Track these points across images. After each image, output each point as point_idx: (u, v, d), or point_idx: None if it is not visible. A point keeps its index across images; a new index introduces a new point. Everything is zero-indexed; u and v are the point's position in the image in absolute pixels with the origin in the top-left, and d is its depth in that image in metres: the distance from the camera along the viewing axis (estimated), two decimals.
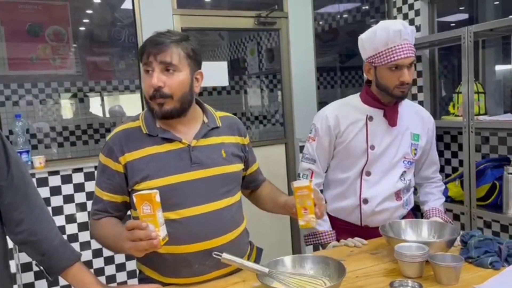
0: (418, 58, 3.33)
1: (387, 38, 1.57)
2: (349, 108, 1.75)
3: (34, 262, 1.21)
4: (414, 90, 3.38)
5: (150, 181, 1.27)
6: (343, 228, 1.75)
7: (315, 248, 1.70)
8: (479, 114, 2.69)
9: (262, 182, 1.63)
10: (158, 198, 1.08)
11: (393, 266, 1.35)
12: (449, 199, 2.84)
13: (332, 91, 5.21)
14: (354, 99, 1.78)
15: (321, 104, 4.60)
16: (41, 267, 1.19)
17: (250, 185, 1.59)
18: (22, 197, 1.17)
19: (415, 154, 1.74)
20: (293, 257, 1.27)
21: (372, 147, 1.69)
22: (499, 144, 2.86)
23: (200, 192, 1.31)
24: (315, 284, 1.18)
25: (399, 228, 1.50)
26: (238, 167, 1.43)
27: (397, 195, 1.73)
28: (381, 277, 1.28)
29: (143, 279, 1.42)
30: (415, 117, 1.77)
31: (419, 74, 3.33)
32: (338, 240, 1.66)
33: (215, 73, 3.07)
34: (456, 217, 3.10)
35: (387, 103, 1.69)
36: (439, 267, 1.19)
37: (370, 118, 1.71)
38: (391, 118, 1.70)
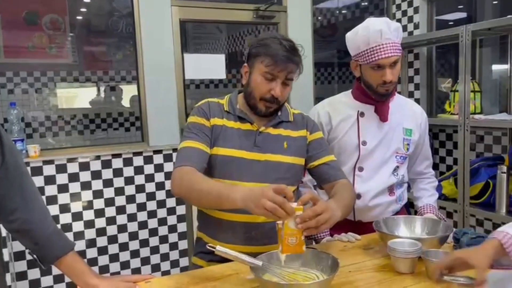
0: (416, 56, 3.34)
1: (368, 38, 1.59)
2: (340, 105, 1.77)
3: (27, 251, 1.21)
4: (411, 87, 3.39)
5: (217, 147, 1.46)
6: (337, 223, 1.75)
7: (308, 243, 1.70)
8: (474, 113, 2.70)
9: (337, 179, 1.54)
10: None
11: (385, 262, 1.36)
12: (442, 197, 2.86)
13: (329, 86, 5.21)
14: (346, 96, 1.80)
15: (318, 99, 4.60)
16: (35, 256, 1.18)
17: (319, 178, 1.58)
18: (17, 185, 1.16)
19: (407, 149, 1.75)
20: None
21: (364, 143, 1.71)
22: (493, 143, 2.88)
23: (254, 171, 1.46)
24: (308, 277, 1.18)
25: (392, 224, 1.51)
26: (296, 159, 1.52)
27: (390, 190, 1.74)
28: (373, 272, 1.29)
29: (199, 241, 1.57)
30: (408, 112, 1.78)
31: (416, 71, 3.34)
32: (331, 235, 1.67)
33: (212, 66, 3.06)
34: (449, 215, 3.13)
35: (377, 99, 1.70)
36: (431, 263, 1.20)
37: (362, 114, 1.73)
38: (382, 113, 1.72)
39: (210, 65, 3.06)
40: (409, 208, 2.00)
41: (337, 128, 1.74)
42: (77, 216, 2.76)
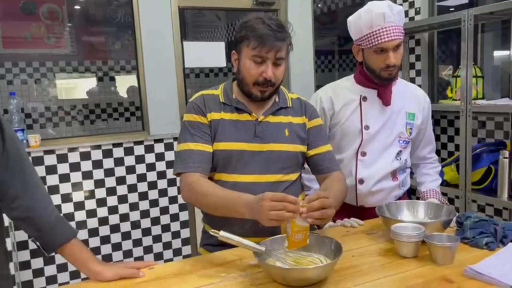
0: (417, 42, 3.31)
1: (371, 21, 1.56)
2: (343, 89, 1.76)
3: (30, 239, 1.21)
4: (412, 74, 3.36)
5: (216, 142, 1.43)
6: (339, 209, 1.75)
7: (311, 229, 1.70)
8: (476, 99, 2.68)
9: (330, 171, 1.53)
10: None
11: (388, 246, 1.35)
12: (444, 183, 2.85)
13: (330, 74, 5.18)
14: (348, 81, 1.79)
15: (319, 87, 4.58)
16: (38, 243, 1.18)
17: (313, 169, 1.57)
18: (18, 173, 1.16)
19: (410, 133, 1.75)
20: None
21: (367, 127, 1.70)
22: (495, 129, 2.87)
23: (256, 163, 1.43)
24: (312, 261, 1.18)
25: (395, 208, 1.50)
26: (298, 147, 1.49)
27: (393, 175, 1.74)
28: (377, 256, 1.29)
29: (205, 233, 1.57)
30: (410, 96, 1.77)
31: (418, 57, 3.31)
32: (334, 221, 1.67)
33: (212, 54, 3.04)
34: (451, 201, 3.12)
35: (380, 83, 1.69)
36: (435, 247, 1.20)
37: (364, 98, 1.71)
38: (385, 97, 1.70)
39: (210, 53, 3.04)
40: (411, 195, 2.00)
41: (340, 113, 1.72)
42: (79, 206, 2.76)
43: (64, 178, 2.70)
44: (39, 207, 1.18)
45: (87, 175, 2.77)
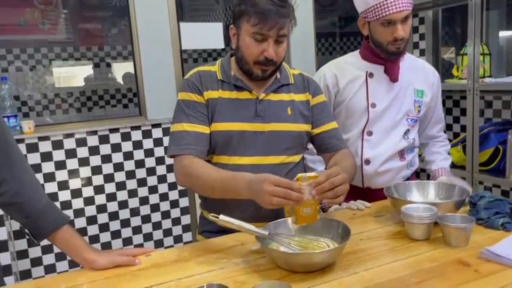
0: (421, 20, 3.21)
1: None
2: (348, 66, 1.67)
3: (19, 226, 1.14)
4: (416, 53, 3.27)
5: (215, 123, 1.34)
6: None
7: None
8: (484, 77, 2.60)
9: (338, 149, 1.45)
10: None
11: (398, 229, 1.29)
12: (451, 165, 2.78)
13: (331, 58, 5.08)
14: (353, 56, 1.71)
15: None
16: (26, 231, 1.12)
17: (319, 147, 1.49)
18: (4, 156, 1.09)
19: (418, 111, 1.67)
20: (294, 218, 1.20)
21: (373, 105, 1.62)
22: (502, 108, 2.79)
23: (258, 144, 1.35)
24: (318, 246, 1.11)
25: (404, 189, 1.43)
26: (302, 127, 1.41)
27: (401, 154, 1.67)
28: (386, 239, 1.22)
29: (203, 219, 1.50)
30: (419, 72, 1.69)
31: (422, 37, 3.22)
32: (339, 204, 1.60)
33: (209, 35, 2.94)
34: None
35: (387, 58, 1.60)
36: (449, 229, 1.13)
37: (370, 75, 1.63)
38: (392, 73, 1.62)
39: (208, 35, 2.94)
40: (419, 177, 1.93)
41: (345, 91, 1.64)
42: (76, 193, 2.70)
43: (60, 165, 2.63)
44: (27, 192, 1.11)
45: (84, 162, 2.70)
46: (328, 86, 1.65)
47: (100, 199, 2.76)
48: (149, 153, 2.86)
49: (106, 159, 2.75)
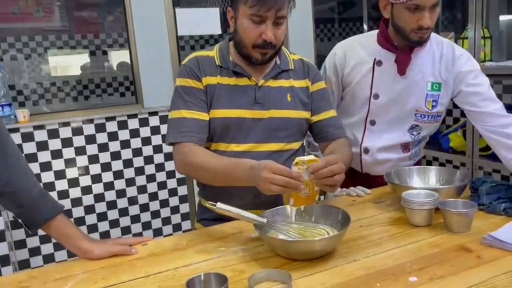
0: None
1: None
2: (360, 47, 1.55)
3: (12, 216, 1.11)
4: None
5: (213, 110, 1.31)
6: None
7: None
8: (485, 61, 2.57)
9: (335, 138, 1.42)
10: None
11: (398, 215, 1.27)
12: (450, 150, 2.77)
13: (329, 44, 5.03)
14: (370, 37, 1.57)
15: (319, 57, 4.44)
16: (20, 221, 1.09)
17: (317, 136, 1.46)
18: None
19: (432, 106, 1.53)
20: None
21: (376, 96, 1.53)
22: (503, 93, 2.76)
23: (257, 131, 1.33)
24: (317, 233, 1.09)
25: (405, 175, 1.41)
26: (301, 114, 1.38)
27: (405, 146, 1.59)
28: (387, 226, 1.20)
29: (201, 207, 1.48)
30: (440, 61, 1.50)
31: None
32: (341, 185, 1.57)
33: (206, 20, 2.90)
34: (456, 168, 3.04)
35: (401, 47, 1.47)
36: (451, 214, 1.11)
37: (379, 63, 1.51)
38: (401, 65, 1.48)
39: (204, 20, 2.89)
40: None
41: (353, 72, 1.54)
42: (73, 183, 2.68)
43: (56, 154, 2.61)
44: (20, 181, 1.08)
45: (80, 151, 2.67)
46: (336, 65, 1.57)
47: (98, 188, 2.74)
48: (146, 141, 2.84)
49: (103, 148, 2.73)
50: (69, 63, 4.41)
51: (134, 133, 2.80)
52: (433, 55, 1.50)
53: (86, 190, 2.71)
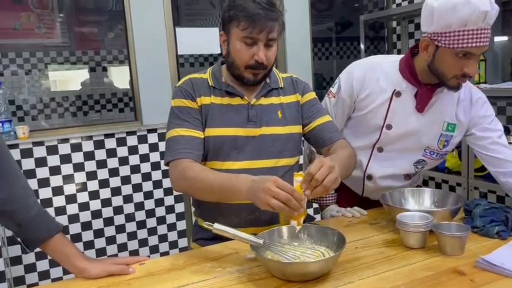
0: (417, 26, 3.23)
1: (469, 18, 1.23)
2: (381, 72, 1.49)
3: (11, 234, 1.12)
4: None
5: (208, 128, 1.35)
6: (342, 197, 1.65)
7: (311, 219, 1.63)
8: (479, 83, 2.61)
9: (333, 141, 1.43)
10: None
11: (393, 237, 1.28)
12: (446, 170, 2.79)
13: (327, 62, 5.09)
14: (393, 63, 1.49)
15: (316, 75, 4.49)
16: (19, 239, 1.10)
17: (315, 143, 1.48)
18: None
19: (443, 145, 1.51)
20: (289, 227, 1.19)
21: (389, 127, 1.49)
22: (498, 114, 2.79)
23: (250, 148, 1.36)
24: (313, 254, 1.11)
25: (399, 197, 1.43)
26: (293, 128, 1.42)
27: (407, 175, 1.60)
28: (382, 247, 1.22)
29: (197, 227, 1.49)
30: (458, 103, 1.47)
31: (417, 42, 3.23)
32: (338, 204, 1.59)
33: (206, 40, 2.94)
34: (452, 189, 3.06)
35: (425, 83, 1.43)
36: (444, 237, 1.13)
37: (397, 94, 1.46)
38: (421, 102, 1.44)
39: (204, 39, 2.94)
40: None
41: (367, 99, 1.50)
42: (71, 199, 2.68)
43: (55, 170, 2.62)
44: (19, 199, 1.09)
45: (79, 167, 2.68)
46: (353, 85, 1.51)
47: (95, 204, 2.75)
48: (144, 158, 2.85)
49: (101, 164, 2.74)
50: (69, 79, 4.45)
51: (133, 150, 2.81)
52: (453, 96, 1.47)
53: (84, 206, 2.72)
